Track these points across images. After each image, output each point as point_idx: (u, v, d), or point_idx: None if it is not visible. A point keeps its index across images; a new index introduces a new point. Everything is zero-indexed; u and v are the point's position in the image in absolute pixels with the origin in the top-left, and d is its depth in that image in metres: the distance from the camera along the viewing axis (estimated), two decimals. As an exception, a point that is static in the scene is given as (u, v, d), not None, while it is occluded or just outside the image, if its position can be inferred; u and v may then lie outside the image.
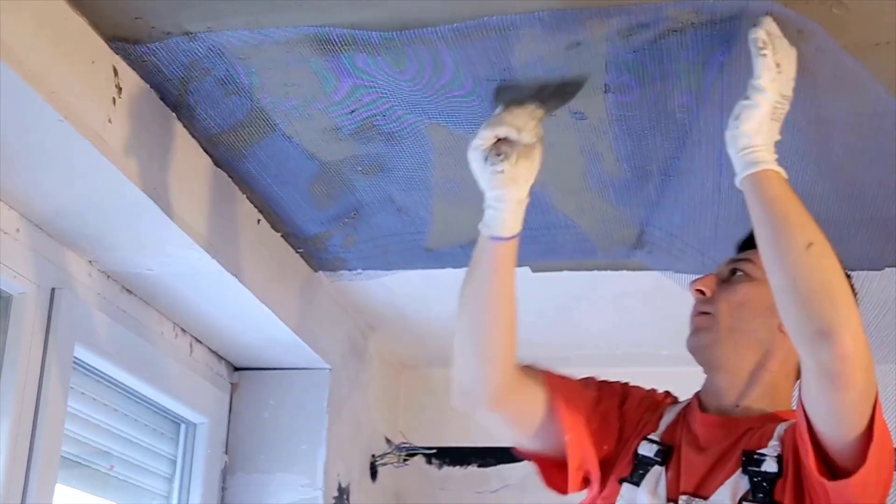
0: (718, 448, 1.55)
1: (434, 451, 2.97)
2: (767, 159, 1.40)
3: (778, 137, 1.42)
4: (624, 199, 2.00)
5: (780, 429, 1.52)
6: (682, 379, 2.82)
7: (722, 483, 1.50)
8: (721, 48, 1.52)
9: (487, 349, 1.55)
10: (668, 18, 1.46)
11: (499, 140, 1.49)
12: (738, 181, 1.42)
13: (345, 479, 2.57)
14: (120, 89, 1.60)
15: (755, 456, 1.50)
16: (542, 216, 2.06)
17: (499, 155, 1.48)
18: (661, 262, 2.23)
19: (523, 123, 1.49)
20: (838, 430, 1.38)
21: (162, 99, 1.71)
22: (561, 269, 2.32)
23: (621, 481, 1.57)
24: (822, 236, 1.37)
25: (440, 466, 2.99)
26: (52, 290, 1.80)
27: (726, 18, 1.46)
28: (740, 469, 1.50)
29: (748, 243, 1.59)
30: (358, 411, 2.70)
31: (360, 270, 2.38)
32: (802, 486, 1.46)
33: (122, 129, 1.61)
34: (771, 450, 1.50)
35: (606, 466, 1.61)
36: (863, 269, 2.20)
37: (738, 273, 1.61)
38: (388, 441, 2.93)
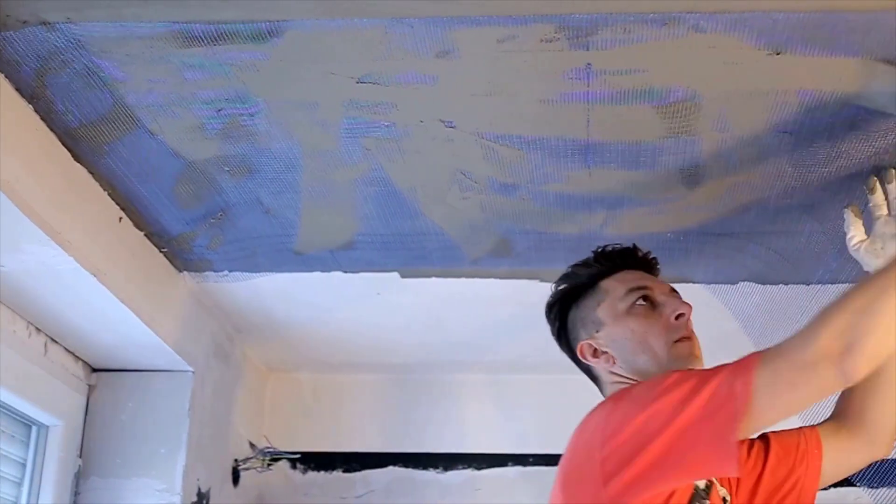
0: None
1: (298, 455, 2.94)
2: None
3: None
4: (491, 209, 2.01)
5: None
6: (544, 387, 2.87)
7: None
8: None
9: None
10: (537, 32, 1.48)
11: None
12: None
13: (205, 483, 2.52)
14: (-29, 78, 1.54)
15: None
16: (411, 222, 2.06)
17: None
18: (527, 270, 2.25)
19: None
20: None
21: (17, 90, 1.65)
22: (430, 276, 2.32)
23: None
24: None
25: (304, 471, 2.96)
26: None
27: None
28: None
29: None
30: (221, 415, 2.65)
31: (226, 272, 2.34)
32: None
33: (-27, 120, 1.55)
34: None
35: None
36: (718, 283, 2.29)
37: (674, 291, 1.73)
38: (251, 445, 2.89)
